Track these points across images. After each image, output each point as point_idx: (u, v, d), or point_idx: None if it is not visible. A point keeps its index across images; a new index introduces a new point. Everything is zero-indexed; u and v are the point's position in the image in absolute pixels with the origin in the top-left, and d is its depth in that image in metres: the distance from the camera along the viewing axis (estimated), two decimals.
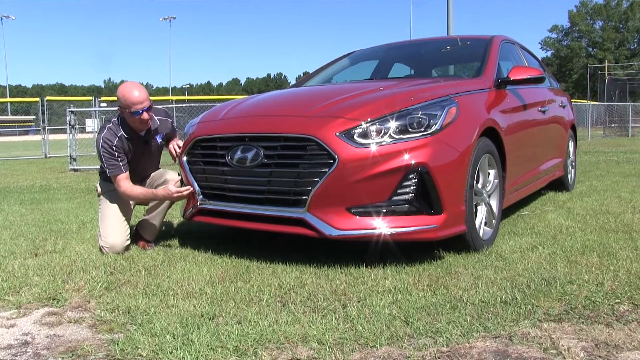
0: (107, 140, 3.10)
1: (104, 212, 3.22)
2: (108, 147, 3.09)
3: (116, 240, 3.10)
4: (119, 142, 3.11)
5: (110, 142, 3.09)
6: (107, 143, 3.09)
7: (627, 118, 21.31)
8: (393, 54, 4.65)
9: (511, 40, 4.40)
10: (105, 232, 3.13)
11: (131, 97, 2.99)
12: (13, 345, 1.90)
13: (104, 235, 3.13)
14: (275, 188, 2.71)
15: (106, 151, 3.10)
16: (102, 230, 3.15)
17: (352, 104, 2.84)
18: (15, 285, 2.53)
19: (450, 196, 2.65)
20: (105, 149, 3.09)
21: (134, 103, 3.00)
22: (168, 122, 3.41)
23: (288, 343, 1.81)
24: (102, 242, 3.12)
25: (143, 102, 3.02)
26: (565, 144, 5.07)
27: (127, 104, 3.01)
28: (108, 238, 3.11)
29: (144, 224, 3.38)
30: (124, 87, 3.07)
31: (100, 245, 3.13)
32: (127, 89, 3.03)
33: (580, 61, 58.41)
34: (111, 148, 3.09)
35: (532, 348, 1.74)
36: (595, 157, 9.84)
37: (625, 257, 2.72)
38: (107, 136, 3.10)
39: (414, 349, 1.75)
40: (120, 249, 3.11)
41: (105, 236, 3.12)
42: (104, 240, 3.11)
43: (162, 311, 2.13)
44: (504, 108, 3.39)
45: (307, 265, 2.69)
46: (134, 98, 2.99)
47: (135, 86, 3.06)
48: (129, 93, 3.00)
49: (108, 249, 3.09)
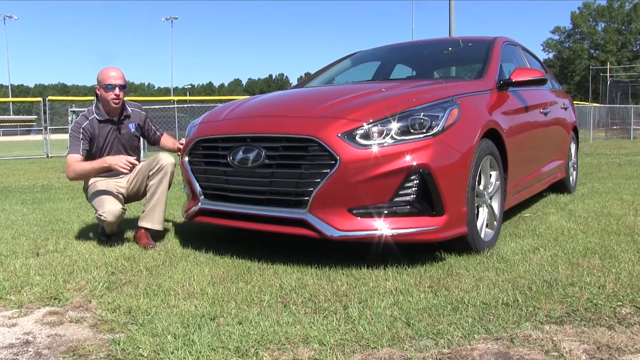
0: (77, 122, 3.37)
1: (94, 192, 3.32)
2: (76, 130, 3.34)
3: (112, 207, 3.19)
4: (88, 125, 3.35)
5: (79, 124, 3.36)
6: (76, 125, 3.36)
7: (629, 120, 21.29)
8: (395, 55, 4.65)
9: (513, 42, 4.40)
10: (99, 203, 3.22)
11: (108, 72, 3.37)
12: (14, 345, 1.90)
13: (99, 206, 3.21)
14: (277, 189, 2.71)
15: (73, 133, 3.33)
16: (96, 204, 3.25)
17: (354, 105, 2.84)
18: (16, 284, 2.53)
19: (451, 198, 2.65)
20: (73, 130, 3.35)
21: (109, 77, 3.34)
22: (142, 113, 3.65)
23: (289, 344, 1.81)
24: (99, 212, 3.18)
25: (117, 79, 3.35)
26: (567, 146, 5.07)
27: (103, 78, 3.35)
28: (104, 206, 3.19)
29: (147, 214, 3.35)
30: (104, 68, 3.43)
31: (98, 216, 3.20)
32: (106, 68, 3.41)
33: (582, 63, 58.37)
34: (78, 131, 3.33)
35: (534, 350, 1.74)
36: (597, 159, 9.83)
37: (627, 259, 2.71)
38: (79, 120, 3.39)
39: (415, 350, 1.75)
40: (118, 213, 3.20)
41: (101, 205, 3.20)
42: (100, 211, 3.18)
43: (164, 311, 2.13)
44: (506, 110, 3.39)
45: (308, 266, 2.69)
46: (110, 73, 3.36)
47: (114, 67, 3.43)
48: (107, 70, 3.39)
49: (106, 215, 3.15)
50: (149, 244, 3.24)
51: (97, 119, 3.38)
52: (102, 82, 3.34)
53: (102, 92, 3.36)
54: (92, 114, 3.39)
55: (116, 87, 3.33)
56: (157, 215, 3.34)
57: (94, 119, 3.37)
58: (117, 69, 3.40)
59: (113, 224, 3.25)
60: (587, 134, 18.35)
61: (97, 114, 3.39)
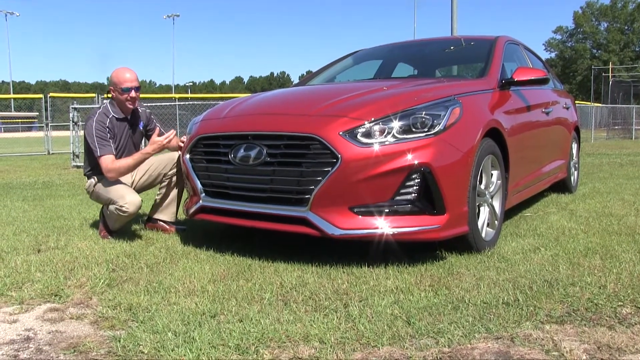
0: (100, 121, 3.34)
1: (107, 188, 3.32)
2: (101, 129, 3.32)
3: (133, 197, 3.23)
4: (109, 124, 3.37)
5: (103, 123, 3.34)
6: (100, 124, 3.33)
7: (630, 120, 21.26)
8: (397, 54, 4.64)
9: (515, 41, 4.39)
10: (118, 195, 3.24)
11: (123, 75, 3.41)
12: (15, 341, 1.90)
13: (119, 197, 3.22)
14: (278, 187, 2.71)
15: (99, 131, 3.31)
16: (114, 197, 3.25)
17: (355, 103, 2.84)
18: (17, 281, 2.53)
19: (453, 197, 2.64)
20: (98, 129, 3.32)
21: (125, 80, 3.39)
22: (147, 111, 3.73)
23: (289, 342, 1.81)
24: (120, 204, 3.20)
25: (133, 82, 3.41)
26: (569, 146, 5.06)
27: (119, 81, 3.38)
28: (125, 197, 3.21)
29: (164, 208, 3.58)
30: (118, 69, 3.46)
31: (118, 207, 3.21)
32: (120, 70, 3.45)
33: (584, 63, 58.26)
34: (104, 130, 3.33)
35: (534, 350, 1.74)
36: (598, 159, 9.82)
37: (628, 259, 2.71)
38: (100, 118, 3.35)
39: (416, 349, 1.75)
40: (140, 203, 3.26)
41: (121, 197, 3.22)
42: (121, 202, 3.20)
43: (164, 308, 2.13)
44: (507, 109, 3.39)
45: (309, 264, 2.69)
46: (126, 76, 3.40)
47: (127, 68, 3.46)
48: (122, 72, 3.42)
49: (128, 206, 3.18)
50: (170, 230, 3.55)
51: (115, 117, 3.42)
52: (118, 85, 3.38)
53: (118, 94, 3.40)
54: (110, 113, 3.41)
55: (132, 89, 3.39)
56: (172, 209, 3.60)
57: (113, 118, 3.41)
58: (132, 71, 3.45)
59: (132, 215, 3.27)
60: (588, 134, 18.33)
61: (114, 112, 3.43)
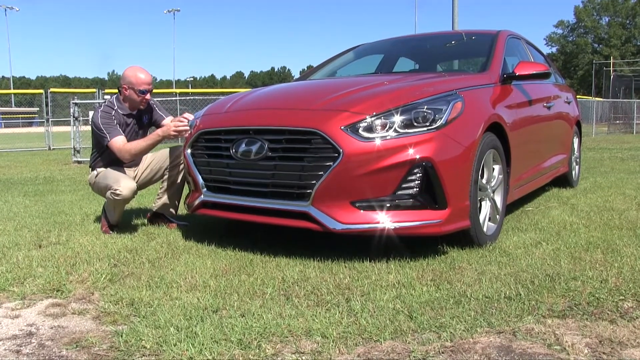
0: (105, 112, 3.39)
1: (106, 175, 3.36)
2: (107, 117, 3.37)
3: (128, 182, 3.25)
4: (115, 114, 3.42)
5: (108, 113, 3.40)
6: (106, 114, 3.38)
7: (632, 115, 21.19)
8: (398, 48, 4.62)
9: (517, 36, 4.37)
10: (114, 180, 3.26)
11: (140, 77, 3.43)
12: (18, 336, 1.91)
13: (114, 182, 3.24)
14: (280, 181, 2.70)
15: (105, 119, 3.36)
16: (110, 182, 3.27)
17: (357, 97, 2.83)
18: (19, 276, 2.53)
19: (454, 191, 2.64)
20: (104, 117, 3.37)
21: (142, 82, 3.42)
22: (150, 101, 3.69)
23: (292, 336, 1.81)
24: (114, 188, 3.21)
25: (150, 84, 3.47)
26: (570, 140, 5.05)
27: (136, 82, 3.41)
28: (120, 182, 3.23)
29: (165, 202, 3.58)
30: (134, 69, 3.46)
31: (112, 192, 3.22)
32: (137, 70, 3.46)
33: (585, 57, 58.11)
34: (110, 118, 3.38)
35: (536, 344, 1.74)
36: (599, 153, 9.81)
37: (630, 254, 2.71)
38: (105, 110, 3.41)
39: (418, 343, 1.75)
40: (134, 187, 3.28)
41: (116, 182, 3.24)
42: (115, 186, 3.21)
43: (166, 303, 2.13)
44: (509, 103, 3.38)
45: (310, 259, 2.69)
46: (144, 78, 3.44)
47: (143, 69, 3.49)
48: (138, 73, 3.44)
49: (121, 189, 3.19)
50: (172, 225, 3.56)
51: (120, 112, 3.45)
52: (135, 86, 3.41)
53: (132, 94, 3.43)
54: (114, 106, 3.45)
55: (148, 92, 3.45)
56: (174, 204, 3.62)
57: (118, 111, 3.44)
58: (147, 73, 3.48)
59: (126, 199, 3.27)
60: (590, 129, 18.28)
61: (119, 107, 3.46)
